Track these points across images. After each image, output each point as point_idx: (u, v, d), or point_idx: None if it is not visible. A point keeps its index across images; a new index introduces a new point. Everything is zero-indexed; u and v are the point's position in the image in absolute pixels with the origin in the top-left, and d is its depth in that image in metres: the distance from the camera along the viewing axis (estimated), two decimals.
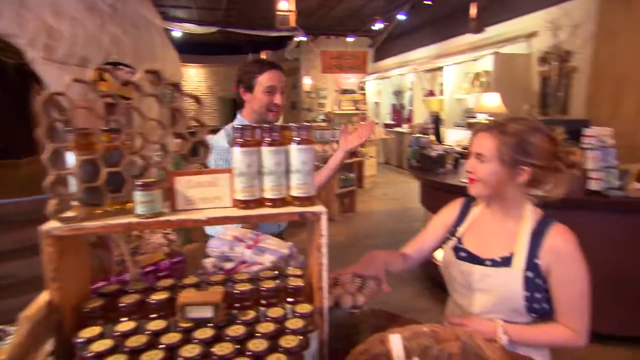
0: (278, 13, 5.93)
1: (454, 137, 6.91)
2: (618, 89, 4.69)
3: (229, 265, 1.22)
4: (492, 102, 5.31)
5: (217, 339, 0.77)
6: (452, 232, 1.30)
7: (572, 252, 1.08)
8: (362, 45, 10.89)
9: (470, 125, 6.98)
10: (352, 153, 6.30)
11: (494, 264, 1.14)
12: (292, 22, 5.97)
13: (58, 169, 0.79)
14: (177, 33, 8.67)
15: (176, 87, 0.95)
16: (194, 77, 13.44)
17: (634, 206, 2.43)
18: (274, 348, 0.75)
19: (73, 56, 3.49)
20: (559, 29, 4.74)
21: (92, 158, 0.81)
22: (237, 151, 0.88)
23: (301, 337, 0.78)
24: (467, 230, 1.26)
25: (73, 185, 0.81)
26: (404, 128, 9.11)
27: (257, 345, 0.75)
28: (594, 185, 2.48)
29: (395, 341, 0.86)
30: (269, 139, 0.89)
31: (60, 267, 0.81)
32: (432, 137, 4.27)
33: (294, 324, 0.82)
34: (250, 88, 1.67)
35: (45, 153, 0.78)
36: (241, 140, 0.88)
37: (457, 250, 1.23)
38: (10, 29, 3.28)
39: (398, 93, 10.60)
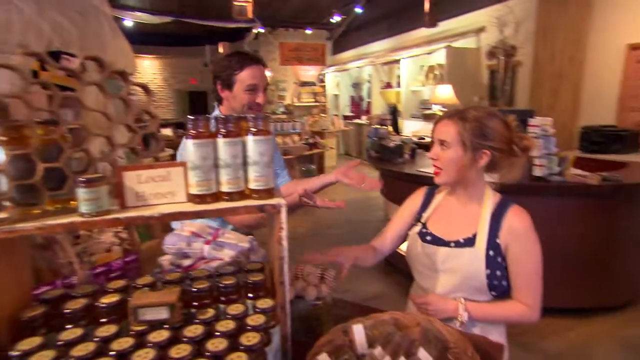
0: (235, 4, 5.74)
1: (411, 127, 7.06)
2: (556, 84, 4.98)
3: (187, 262, 1.16)
4: (445, 93, 5.46)
5: (174, 340, 0.73)
6: (417, 219, 1.33)
7: (527, 232, 1.14)
8: (321, 37, 10.83)
9: (426, 117, 7.17)
10: (313, 144, 6.24)
11: (458, 244, 1.18)
12: (250, 13, 5.80)
13: None
14: (129, 22, 8.19)
15: (122, 75, 0.88)
16: (149, 69, 12.82)
17: (571, 190, 2.59)
18: (234, 347, 0.71)
19: (7, 44, 3.18)
20: (505, 25, 4.93)
21: (25, 153, 0.72)
22: (189, 144, 0.82)
23: (262, 334, 0.75)
24: (431, 216, 1.29)
25: (3, 183, 0.72)
26: (363, 120, 9.19)
27: (216, 345, 0.71)
28: (537, 172, 2.61)
29: (358, 331, 0.85)
30: (224, 130, 0.84)
31: None
32: (390, 128, 4.33)
33: (255, 320, 0.78)
34: (229, 86, 1.49)
35: None
36: (194, 132, 0.82)
37: (423, 234, 1.26)
38: None
39: (356, 85, 10.66)
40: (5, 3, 3.34)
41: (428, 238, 1.24)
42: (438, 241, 1.22)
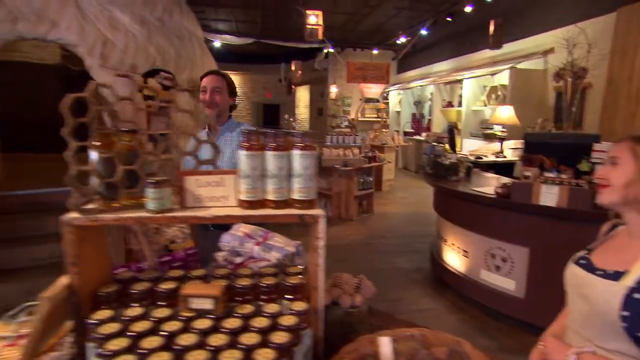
0: (307, 27, 5.93)
1: (469, 146, 6.69)
2: (633, 107, 4.41)
3: (238, 260, 1.21)
4: (506, 114, 5.12)
5: (214, 329, 0.76)
6: (588, 249, 1.10)
7: None
8: (387, 57, 10.75)
9: (486, 136, 6.74)
10: (372, 158, 6.14)
11: (602, 275, 0.96)
12: (320, 35, 5.95)
13: (80, 165, 0.80)
14: (217, 43, 8.84)
15: (190, 92, 0.95)
16: None
17: None
18: (265, 343, 0.73)
19: (124, 64, 3.61)
20: (575, 47, 4.49)
21: (111, 156, 0.81)
22: (242, 154, 0.86)
23: (292, 334, 0.75)
24: (599, 245, 1.08)
25: (94, 180, 0.82)
26: (423, 136, 8.93)
27: (249, 339, 0.73)
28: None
29: (384, 343, 0.82)
30: (272, 144, 0.87)
31: (79, 254, 0.81)
32: (447, 146, 4.13)
33: (287, 320, 0.79)
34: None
35: (69, 150, 0.78)
36: (247, 144, 0.86)
37: (580, 258, 1.07)
38: (73, 40, 3.45)
39: (418, 103, 10.40)
40: (124, 31, 3.79)
41: (582, 262, 1.04)
42: (589, 267, 1.01)
